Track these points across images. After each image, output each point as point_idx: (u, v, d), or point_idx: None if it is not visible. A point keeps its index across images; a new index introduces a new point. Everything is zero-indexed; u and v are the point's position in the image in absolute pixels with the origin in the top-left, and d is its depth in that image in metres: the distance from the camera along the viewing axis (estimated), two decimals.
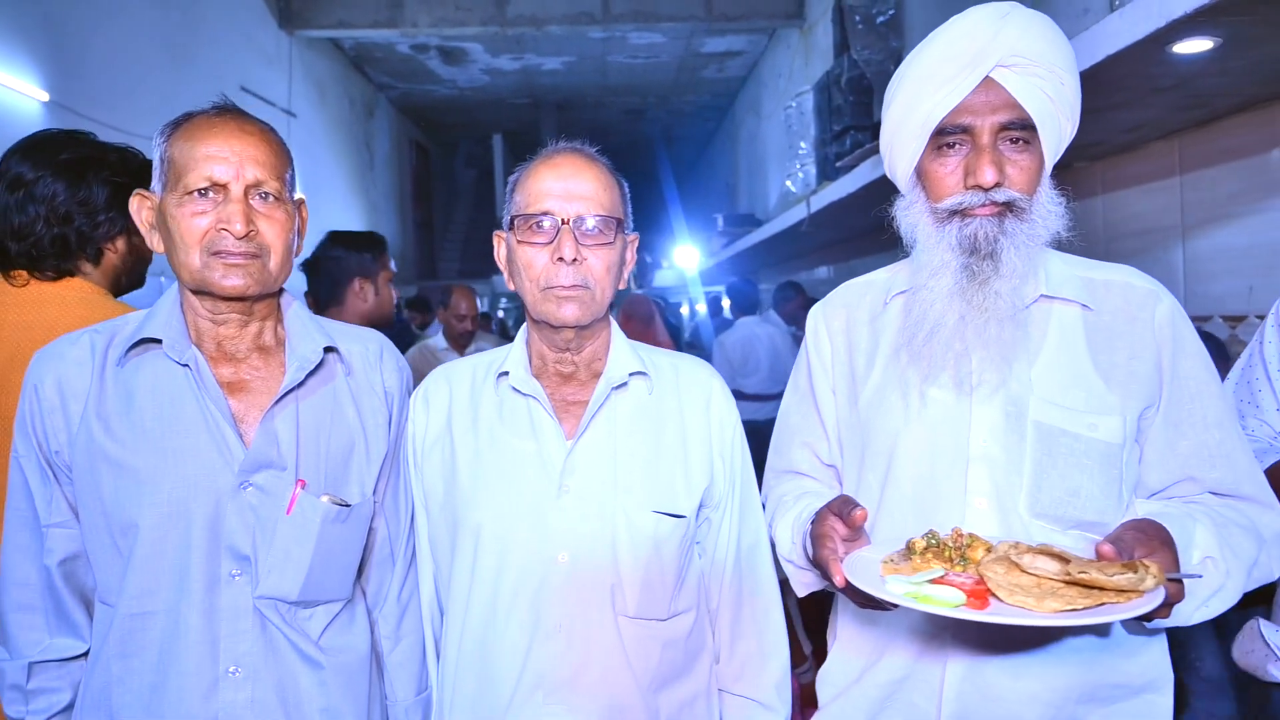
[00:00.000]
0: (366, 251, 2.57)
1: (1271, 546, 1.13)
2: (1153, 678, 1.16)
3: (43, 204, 1.47)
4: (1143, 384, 1.14)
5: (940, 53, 1.14)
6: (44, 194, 1.47)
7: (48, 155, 1.51)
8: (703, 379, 1.31)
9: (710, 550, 1.30)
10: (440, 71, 10.25)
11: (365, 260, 2.56)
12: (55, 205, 1.47)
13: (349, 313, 2.53)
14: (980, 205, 1.12)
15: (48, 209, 1.46)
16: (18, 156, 1.51)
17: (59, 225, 1.48)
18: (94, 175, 1.51)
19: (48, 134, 1.57)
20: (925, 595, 0.93)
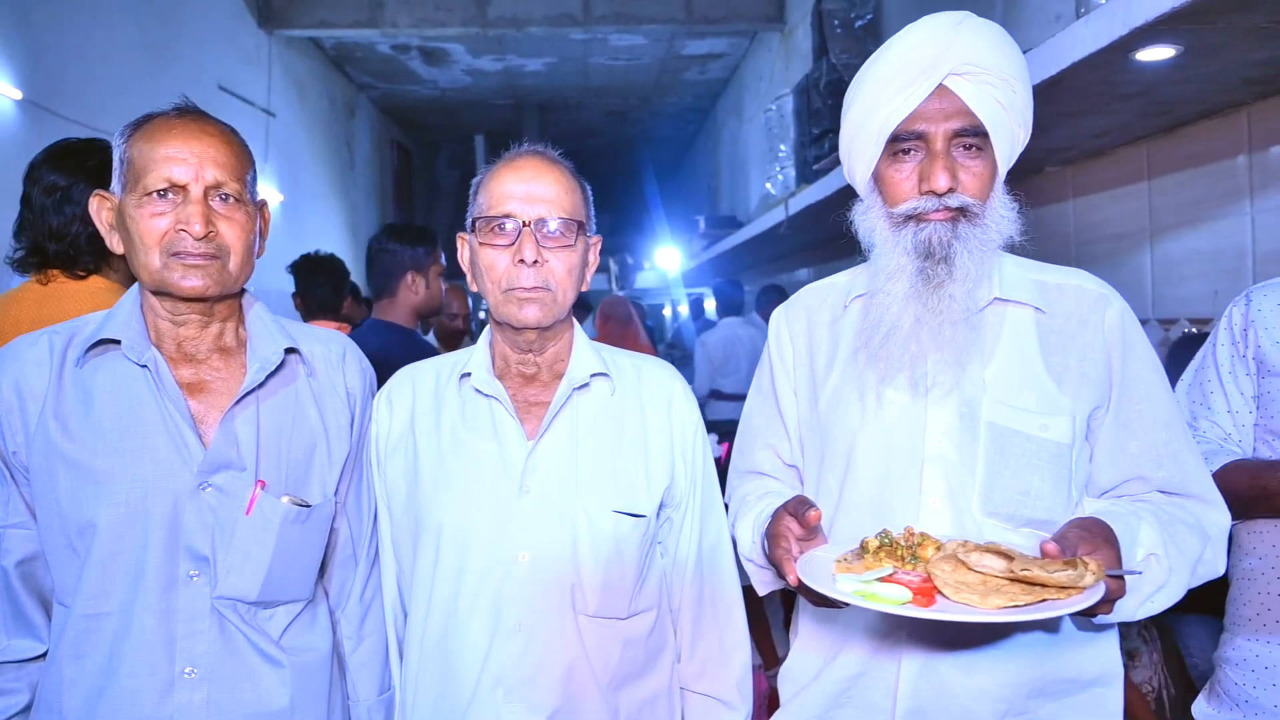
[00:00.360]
0: (420, 246, 2.67)
1: (1216, 544, 1.16)
2: (1101, 672, 1.18)
3: (78, 205, 1.54)
4: (1093, 385, 1.17)
5: (896, 60, 1.17)
6: (78, 197, 1.55)
7: (77, 162, 1.60)
8: (664, 380, 1.33)
9: (672, 550, 1.31)
10: (421, 72, 10.22)
11: (418, 254, 2.66)
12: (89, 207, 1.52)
13: (400, 304, 2.64)
14: (934, 210, 1.15)
15: (82, 210, 1.51)
16: (48, 165, 1.60)
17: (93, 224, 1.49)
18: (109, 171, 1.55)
19: (70, 143, 1.66)
20: (872, 593, 0.95)
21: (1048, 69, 2.24)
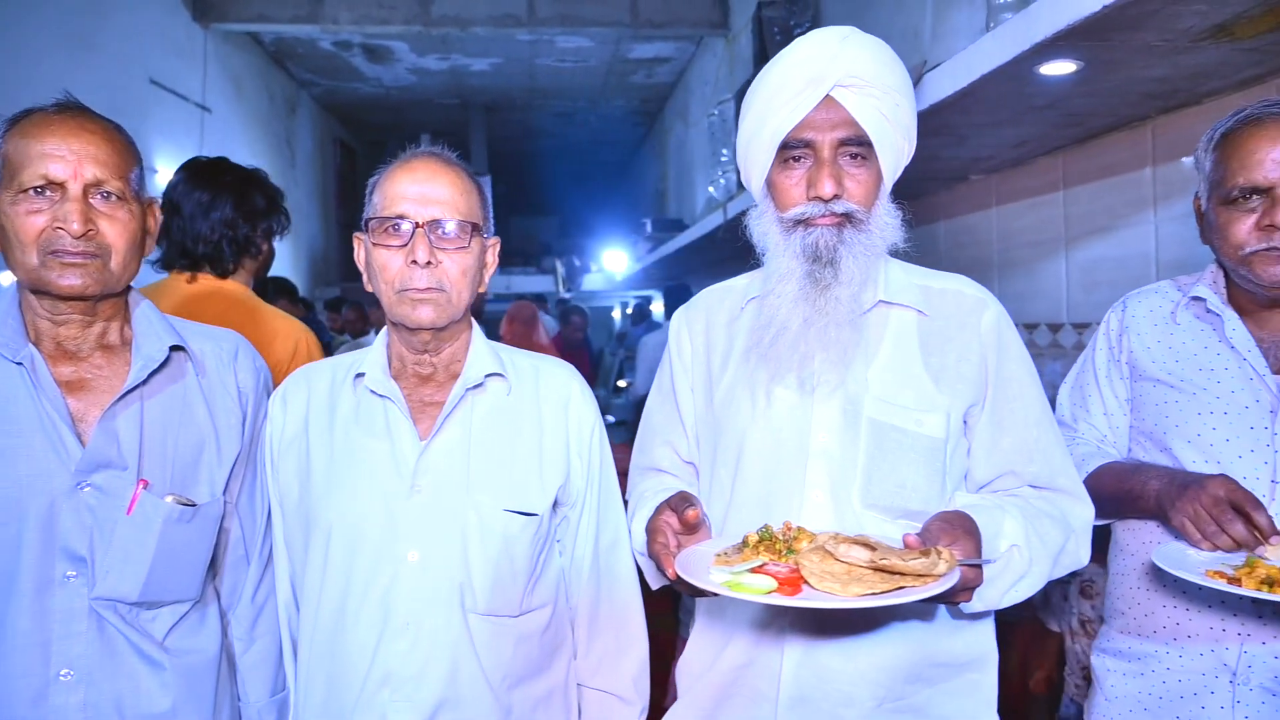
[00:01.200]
0: None
1: (1080, 535, 1.23)
2: (975, 657, 1.24)
3: (219, 213, 1.87)
4: (968, 384, 1.22)
5: (786, 72, 1.21)
6: (220, 207, 1.87)
7: (214, 177, 1.93)
8: (562, 380, 1.35)
9: (570, 548, 1.33)
10: (365, 69, 10.09)
11: None
12: (228, 216, 1.89)
13: None
14: (821, 215, 1.19)
15: (223, 218, 1.87)
16: (188, 183, 1.91)
17: (232, 230, 1.89)
18: (252, 191, 1.95)
19: (203, 160, 1.99)
20: (739, 584, 0.98)
21: (959, 81, 2.31)
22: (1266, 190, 1.28)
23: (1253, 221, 1.29)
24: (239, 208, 1.91)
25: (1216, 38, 1.87)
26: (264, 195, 1.99)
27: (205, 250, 1.88)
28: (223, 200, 1.89)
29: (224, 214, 1.88)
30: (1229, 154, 1.32)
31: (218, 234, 1.88)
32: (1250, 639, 1.29)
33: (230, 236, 1.90)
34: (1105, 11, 1.70)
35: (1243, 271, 1.33)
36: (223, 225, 1.88)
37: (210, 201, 1.88)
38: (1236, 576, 1.13)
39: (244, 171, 2.00)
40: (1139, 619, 1.41)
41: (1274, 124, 1.29)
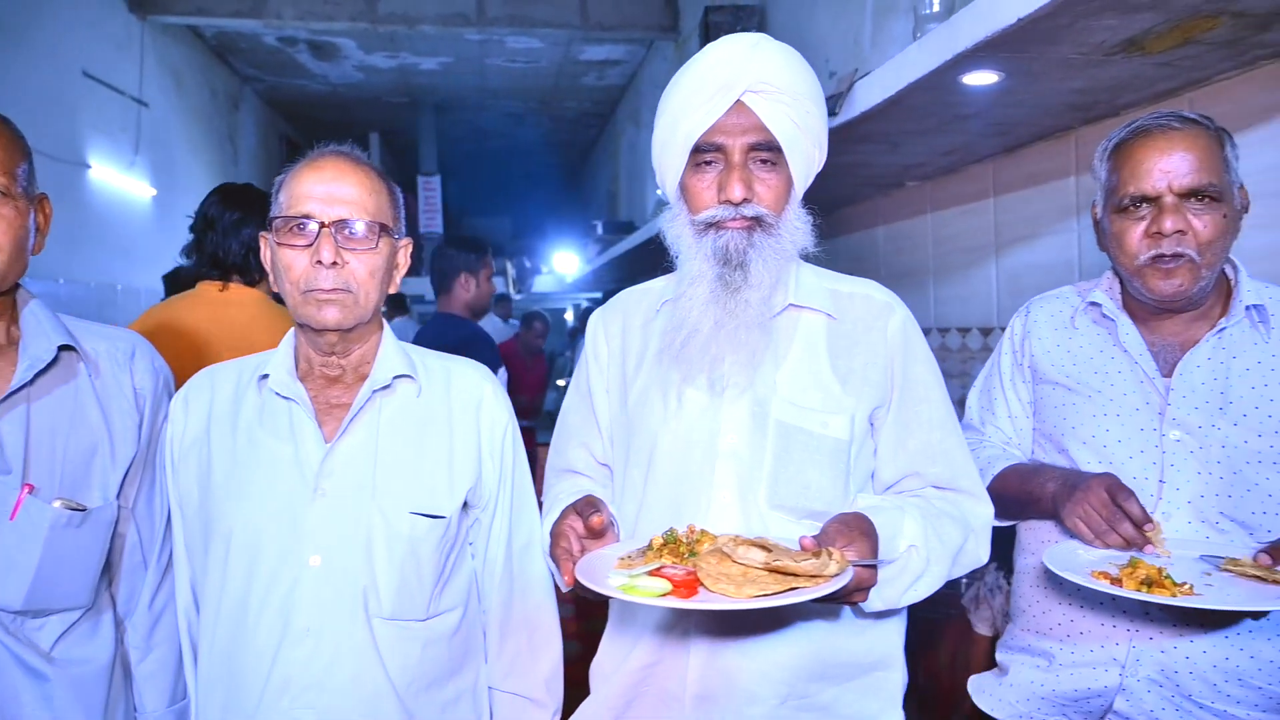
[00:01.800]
0: (472, 252, 3.31)
1: (980, 535, 1.26)
2: (880, 657, 1.26)
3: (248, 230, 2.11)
4: (874, 387, 1.24)
5: (698, 77, 1.22)
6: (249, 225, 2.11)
7: (244, 199, 2.18)
8: (474, 381, 1.34)
9: (481, 550, 1.33)
10: (311, 66, 9.93)
11: (470, 259, 3.29)
12: (255, 234, 2.05)
13: (455, 300, 3.27)
14: (731, 219, 1.20)
15: (251, 235, 2.10)
16: (220, 205, 2.15)
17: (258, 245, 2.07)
18: None
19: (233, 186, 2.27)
20: (633, 587, 0.99)
21: (888, 89, 2.35)
22: (1154, 199, 1.32)
23: (1143, 229, 1.33)
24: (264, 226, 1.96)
25: (1129, 52, 1.93)
26: None
27: (235, 262, 2.14)
28: (251, 220, 2.13)
29: (252, 231, 2.11)
30: (1120, 164, 1.37)
31: (246, 249, 2.13)
32: (1138, 634, 1.33)
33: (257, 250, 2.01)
34: (1020, 25, 1.75)
35: (1136, 283, 1.38)
36: (251, 241, 2.12)
37: (240, 220, 2.13)
38: (1119, 577, 1.16)
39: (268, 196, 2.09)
40: (1037, 617, 1.45)
41: (1161, 135, 1.33)
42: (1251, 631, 1.29)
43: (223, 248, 2.12)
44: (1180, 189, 1.30)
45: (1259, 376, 1.33)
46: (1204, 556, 1.23)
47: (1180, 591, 1.12)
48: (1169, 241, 1.30)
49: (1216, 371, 1.34)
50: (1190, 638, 1.30)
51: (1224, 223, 1.31)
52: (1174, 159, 1.30)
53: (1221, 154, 1.33)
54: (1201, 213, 1.30)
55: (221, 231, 2.13)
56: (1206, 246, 1.30)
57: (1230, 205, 1.33)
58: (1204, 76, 2.14)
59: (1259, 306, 1.36)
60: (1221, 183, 1.31)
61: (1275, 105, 2.02)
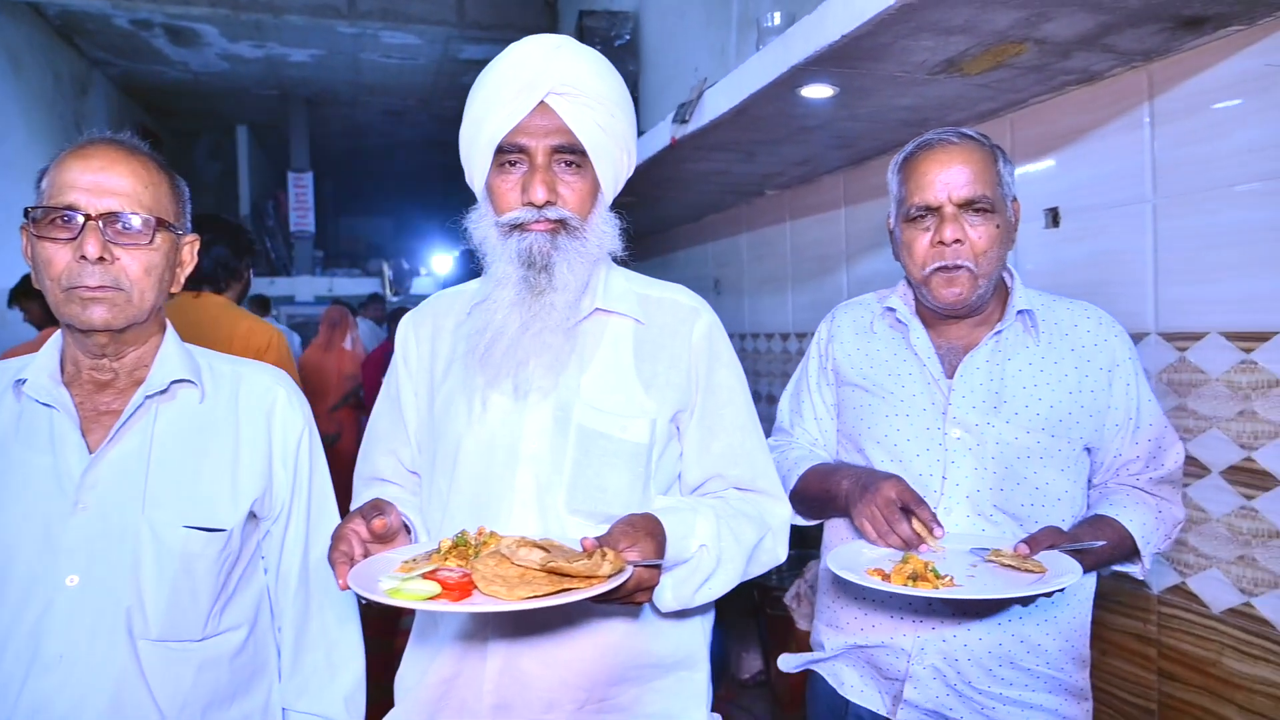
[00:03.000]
0: None
1: (778, 533, 1.29)
2: (684, 656, 1.27)
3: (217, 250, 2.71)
4: (677, 390, 1.26)
5: (500, 76, 1.20)
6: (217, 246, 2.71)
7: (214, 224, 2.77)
8: (266, 386, 1.28)
9: (274, 563, 1.26)
10: (169, 52, 9.38)
11: None
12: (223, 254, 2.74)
13: None
14: (535, 221, 1.19)
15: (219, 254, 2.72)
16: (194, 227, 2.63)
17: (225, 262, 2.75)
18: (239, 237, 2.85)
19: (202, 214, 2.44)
20: (399, 590, 0.96)
21: (733, 98, 2.40)
22: (936, 209, 1.40)
23: (928, 239, 1.41)
24: (229, 247, 2.79)
25: (950, 72, 2.03)
26: (245, 240, 2.90)
27: (207, 274, 2.73)
28: (220, 241, 2.74)
29: (220, 252, 2.74)
30: (908, 176, 1.44)
31: (215, 264, 2.73)
32: (922, 625, 1.41)
33: (225, 266, 2.78)
34: (846, 41, 1.81)
35: (924, 291, 1.45)
36: (220, 258, 2.74)
37: (211, 240, 2.62)
38: (890, 573, 1.22)
39: (232, 224, 2.98)
40: (836, 611, 1.51)
41: (943, 149, 1.41)
42: (1021, 618, 1.39)
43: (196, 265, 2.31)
44: (958, 200, 1.38)
45: (1029, 377, 1.42)
46: (974, 549, 1.31)
47: (942, 584, 1.18)
48: (950, 252, 1.38)
49: (993, 373, 1.43)
50: (967, 626, 1.38)
51: (998, 233, 1.40)
52: (952, 171, 1.38)
53: (995, 168, 1.41)
54: (977, 224, 1.38)
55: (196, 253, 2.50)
56: (982, 255, 1.38)
57: (1003, 216, 1.41)
58: (1021, 99, 2.27)
59: (1029, 312, 1.45)
60: (994, 195, 1.40)
61: (1084, 126, 2.16)
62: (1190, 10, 1.63)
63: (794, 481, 1.50)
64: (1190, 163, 1.88)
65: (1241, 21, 1.69)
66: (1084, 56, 1.91)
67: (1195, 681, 1.91)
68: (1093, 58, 1.92)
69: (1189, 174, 1.89)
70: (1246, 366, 1.77)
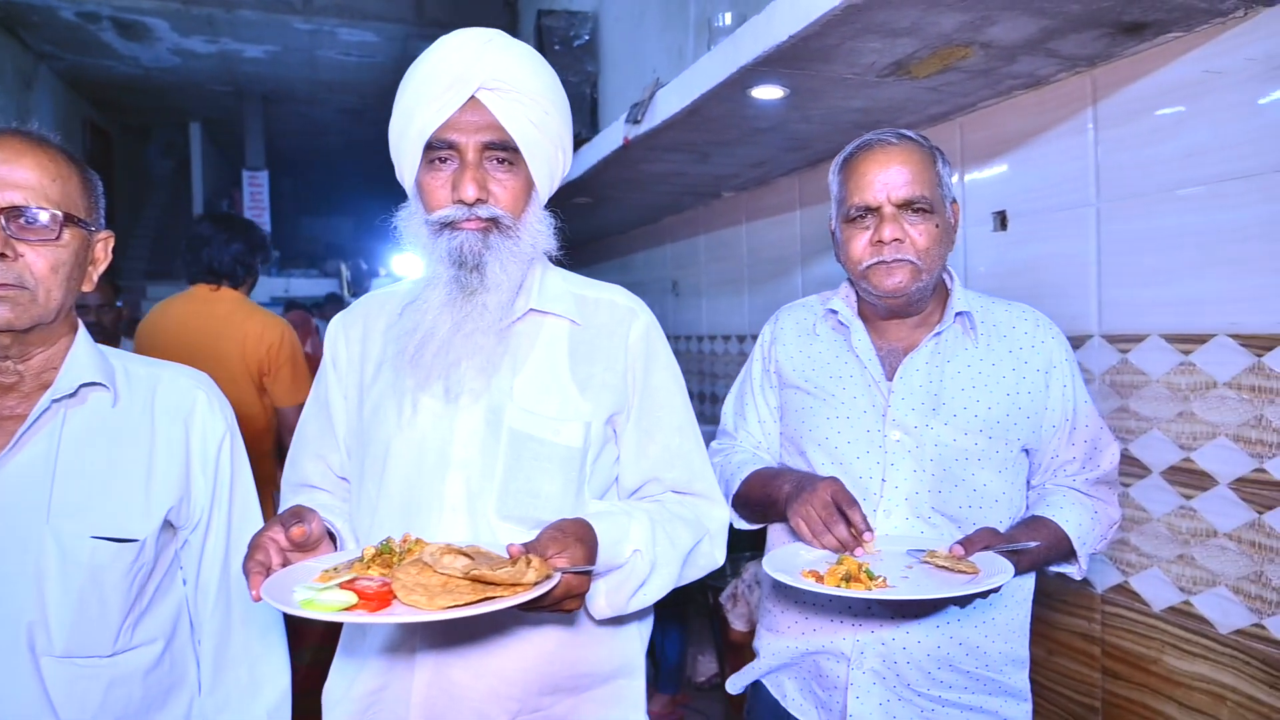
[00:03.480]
0: None
1: (715, 537, 1.27)
2: (621, 664, 1.25)
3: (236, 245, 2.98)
4: (612, 393, 1.23)
5: (431, 70, 1.17)
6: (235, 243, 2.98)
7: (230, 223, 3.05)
8: (185, 389, 1.23)
9: (193, 574, 1.21)
10: (118, 46, 9.14)
11: None
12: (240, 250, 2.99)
13: None
14: (466, 219, 1.16)
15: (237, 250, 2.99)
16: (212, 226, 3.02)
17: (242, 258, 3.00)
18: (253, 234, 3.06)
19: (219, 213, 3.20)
20: (312, 601, 0.92)
21: (685, 98, 2.38)
22: (876, 209, 1.39)
23: (867, 237, 1.40)
24: (245, 244, 3.01)
25: (898, 75, 2.03)
26: (258, 237, 3.09)
27: (225, 270, 2.99)
28: (237, 238, 2.99)
29: (238, 249, 2.99)
30: (847, 177, 1.44)
31: (234, 260, 2.98)
32: (861, 629, 1.40)
33: (241, 263, 3.01)
34: (794, 41, 1.80)
35: (864, 285, 1.44)
36: (238, 255, 2.99)
37: (229, 238, 2.97)
38: (824, 575, 1.21)
39: (245, 221, 3.20)
40: (776, 616, 1.50)
41: (881, 150, 1.41)
42: (959, 620, 1.38)
43: (217, 260, 2.97)
44: (896, 200, 1.37)
45: (967, 379, 1.42)
46: (911, 550, 1.30)
47: (875, 586, 1.17)
48: (889, 249, 1.37)
49: (932, 374, 1.43)
50: (906, 629, 1.37)
51: (937, 232, 1.40)
52: (891, 172, 1.38)
53: (934, 169, 1.41)
54: (916, 223, 1.38)
55: (216, 247, 2.96)
56: (923, 253, 1.38)
57: (942, 217, 1.41)
58: (969, 103, 2.29)
59: (968, 314, 1.45)
60: (933, 196, 1.40)
61: (1031, 131, 2.18)
62: (1129, 16, 1.64)
63: (737, 485, 1.49)
64: (1132, 167, 1.91)
65: (1180, 28, 1.71)
66: (1029, 61, 1.93)
67: (1137, 679, 1.93)
68: (1037, 62, 1.94)
69: (1131, 178, 1.91)
70: (1186, 368, 1.79)
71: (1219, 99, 1.71)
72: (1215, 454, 1.74)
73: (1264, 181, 1.63)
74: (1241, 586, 1.70)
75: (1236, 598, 1.72)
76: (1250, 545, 1.68)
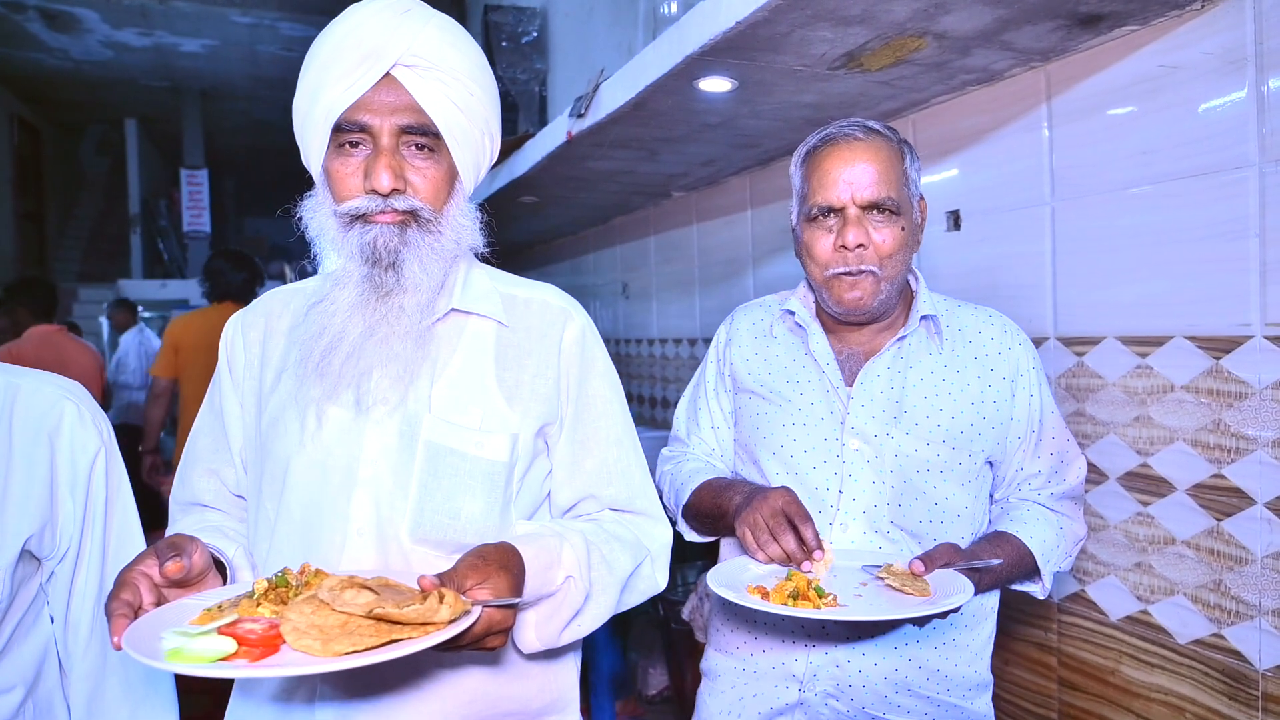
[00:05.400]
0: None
1: (658, 559, 1.17)
2: (552, 699, 1.14)
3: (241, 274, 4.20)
4: (543, 401, 1.12)
5: (338, 41, 1.04)
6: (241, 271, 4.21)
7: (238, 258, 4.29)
8: (49, 401, 1.09)
9: (61, 610, 1.07)
10: (46, 38, 8.76)
11: None
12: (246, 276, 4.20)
13: None
14: (380, 211, 1.03)
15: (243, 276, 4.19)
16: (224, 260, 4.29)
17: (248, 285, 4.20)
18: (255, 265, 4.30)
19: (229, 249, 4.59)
20: (180, 651, 0.78)
21: (629, 91, 2.28)
22: (840, 210, 1.30)
23: (831, 241, 1.31)
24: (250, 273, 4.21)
25: (850, 68, 1.96)
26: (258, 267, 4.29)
27: (234, 293, 4.14)
28: (241, 268, 4.19)
29: (243, 275, 4.18)
30: (810, 172, 1.34)
31: (242, 283, 4.16)
32: (815, 649, 1.31)
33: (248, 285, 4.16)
34: (740, 28, 1.71)
35: (824, 293, 1.36)
36: (244, 281, 4.17)
37: (235, 268, 4.19)
38: (771, 591, 1.12)
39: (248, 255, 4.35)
40: (726, 635, 1.41)
41: (847, 144, 1.31)
42: (918, 641, 1.30)
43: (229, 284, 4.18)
44: (862, 201, 1.29)
45: (931, 387, 1.34)
46: (866, 566, 1.21)
47: (824, 604, 1.08)
48: (854, 256, 1.29)
49: (894, 381, 1.34)
50: (861, 650, 1.29)
51: (903, 235, 1.31)
52: (856, 170, 1.29)
53: (902, 166, 1.32)
54: (882, 225, 1.29)
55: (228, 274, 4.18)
56: (887, 259, 1.30)
57: (909, 218, 1.33)
58: (923, 98, 2.23)
59: (933, 318, 1.37)
60: (900, 196, 1.31)
61: (983, 128, 2.13)
62: (1086, 6, 1.59)
63: (687, 495, 1.39)
64: (1086, 165, 1.86)
65: (1136, 20, 1.66)
66: (983, 54, 1.87)
67: (1094, 690, 1.88)
68: (992, 56, 1.88)
69: (1085, 176, 1.86)
70: (1143, 371, 1.74)
71: (1174, 95, 1.66)
72: (1173, 459, 1.69)
73: (1220, 179, 1.59)
74: (1200, 595, 1.66)
75: (1195, 607, 1.67)
76: (1209, 553, 1.63)
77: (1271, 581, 1.52)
